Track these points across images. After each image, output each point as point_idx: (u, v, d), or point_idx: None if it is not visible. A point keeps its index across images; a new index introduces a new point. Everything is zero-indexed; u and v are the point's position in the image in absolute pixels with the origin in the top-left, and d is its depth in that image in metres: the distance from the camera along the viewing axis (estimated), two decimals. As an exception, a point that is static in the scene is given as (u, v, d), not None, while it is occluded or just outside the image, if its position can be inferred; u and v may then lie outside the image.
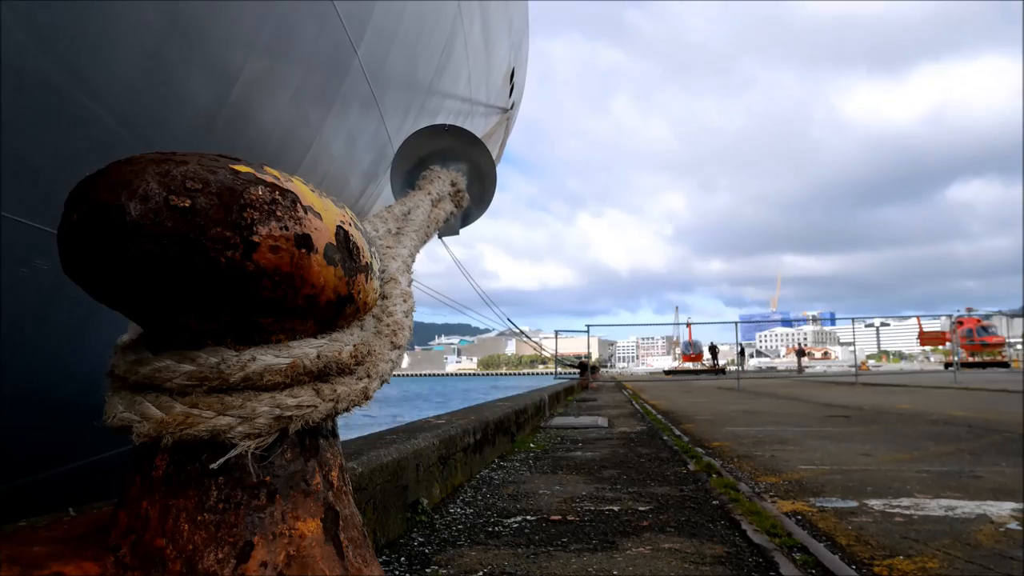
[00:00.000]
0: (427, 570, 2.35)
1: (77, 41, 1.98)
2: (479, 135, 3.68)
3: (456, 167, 2.95)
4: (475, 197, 3.11)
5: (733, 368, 38.70)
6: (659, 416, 9.02)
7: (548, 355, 29.19)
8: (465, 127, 3.42)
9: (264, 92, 2.87)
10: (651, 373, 68.71)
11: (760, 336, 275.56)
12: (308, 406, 0.93)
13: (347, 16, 3.19)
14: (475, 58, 6.22)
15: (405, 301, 1.33)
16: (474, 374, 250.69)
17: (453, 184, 2.73)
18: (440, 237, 3.61)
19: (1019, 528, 2.76)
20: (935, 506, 3.20)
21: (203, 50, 2.41)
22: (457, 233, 3.48)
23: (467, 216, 3.29)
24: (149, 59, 2.23)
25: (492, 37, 6.89)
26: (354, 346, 1.02)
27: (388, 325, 1.20)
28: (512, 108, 9.64)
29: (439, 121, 4.92)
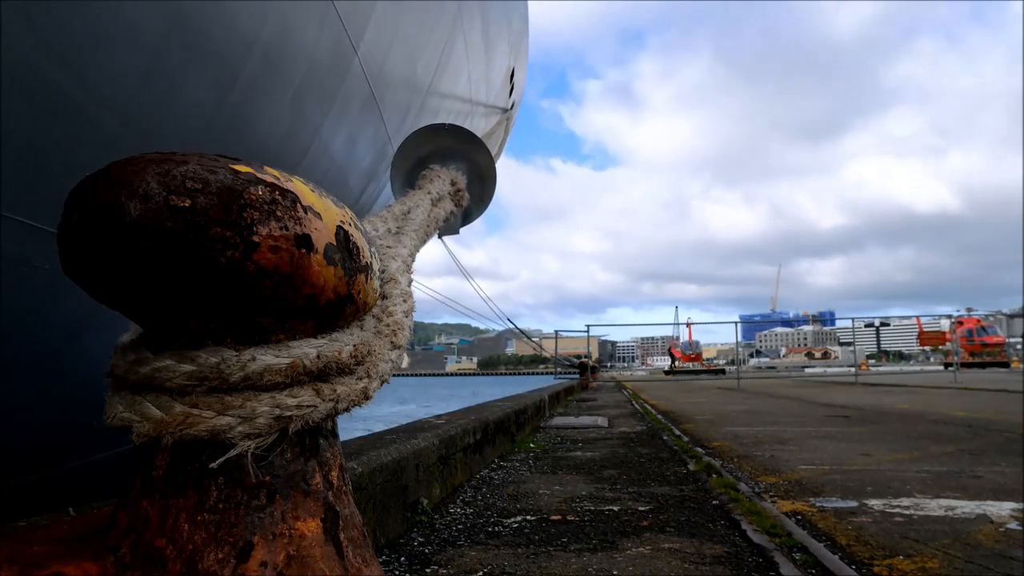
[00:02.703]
0: (427, 570, 2.34)
1: (77, 41, 1.98)
2: (479, 135, 3.68)
3: (456, 166, 2.94)
4: (475, 196, 3.11)
5: (732, 368, 38.75)
6: (659, 416, 9.02)
7: (548, 355, 29.20)
8: (465, 127, 3.42)
9: (264, 92, 2.87)
10: (651, 372, 68.92)
11: (760, 336, 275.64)
12: (308, 406, 0.93)
13: (347, 16, 3.19)
14: (475, 58, 6.22)
15: (405, 301, 1.33)
16: (474, 374, 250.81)
17: (453, 183, 2.73)
18: (440, 237, 3.61)
19: (1019, 528, 2.76)
20: (935, 506, 3.20)
21: (203, 50, 2.41)
22: (457, 232, 3.48)
23: (467, 215, 3.29)
24: (149, 59, 2.23)
25: (492, 37, 6.89)
26: (354, 346, 1.02)
27: (388, 325, 1.20)
28: (512, 108, 9.64)
29: (439, 121, 4.93)
